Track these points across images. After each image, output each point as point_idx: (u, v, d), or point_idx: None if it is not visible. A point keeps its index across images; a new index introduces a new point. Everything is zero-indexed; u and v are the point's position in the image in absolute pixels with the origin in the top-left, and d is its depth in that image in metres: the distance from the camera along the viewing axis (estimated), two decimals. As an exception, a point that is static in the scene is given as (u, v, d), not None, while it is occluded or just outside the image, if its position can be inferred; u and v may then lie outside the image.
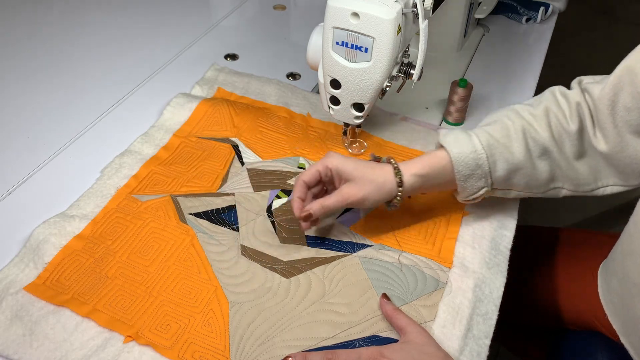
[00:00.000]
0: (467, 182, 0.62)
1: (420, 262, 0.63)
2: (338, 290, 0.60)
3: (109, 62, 0.92)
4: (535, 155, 0.63)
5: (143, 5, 1.07)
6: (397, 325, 0.56)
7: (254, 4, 1.10)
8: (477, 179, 0.62)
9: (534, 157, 0.63)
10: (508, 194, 0.66)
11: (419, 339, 0.53)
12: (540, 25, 1.07)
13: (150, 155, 0.74)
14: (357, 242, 0.65)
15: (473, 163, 0.61)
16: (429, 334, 0.54)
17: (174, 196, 0.69)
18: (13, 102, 0.83)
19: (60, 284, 0.59)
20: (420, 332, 0.54)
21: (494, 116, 0.65)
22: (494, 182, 0.63)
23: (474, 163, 0.61)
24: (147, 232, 0.64)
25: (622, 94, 0.60)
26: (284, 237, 0.65)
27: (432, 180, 0.63)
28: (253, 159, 0.75)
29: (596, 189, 0.66)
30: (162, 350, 0.54)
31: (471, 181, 0.62)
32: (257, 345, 0.55)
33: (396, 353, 0.52)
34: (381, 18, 0.60)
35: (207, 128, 0.78)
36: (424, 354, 0.52)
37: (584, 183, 0.65)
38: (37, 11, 1.03)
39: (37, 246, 0.62)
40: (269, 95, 0.85)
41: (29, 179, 0.71)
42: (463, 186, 0.63)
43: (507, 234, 0.67)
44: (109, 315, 0.57)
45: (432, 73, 0.85)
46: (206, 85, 0.86)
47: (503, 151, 0.61)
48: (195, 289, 0.59)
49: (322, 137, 0.79)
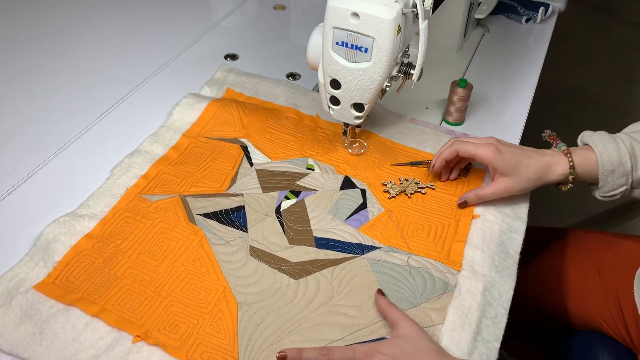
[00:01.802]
0: (609, 177, 0.66)
1: (429, 265, 0.63)
2: (347, 292, 0.60)
3: (109, 61, 0.92)
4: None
5: (143, 5, 1.07)
6: (390, 319, 0.56)
7: (254, 4, 1.11)
8: (619, 176, 0.66)
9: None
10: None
11: (411, 332, 0.54)
12: (540, 25, 1.07)
13: (160, 155, 0.74)
14: (365, 244, 0.65)
15: (617, 160, 0.65)
16: (420, 328, 0.55)
17: (183, 196, 0.69)
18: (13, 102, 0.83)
19: (70, 283, 0.59)
20: (412, 326, 0.55)
21: (636, 126, 0.70)
22: (634, 181, 0.67)
23: (618, 160, 0.65)
24: (156, 232, 0.65)
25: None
26: (292, 238, 0.65)
27: (579, 172, 0.67)
28: (262, 160, 0.75)
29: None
30: (170, 350, 0.54)
31: (613, 177, 0.66)
32: (265, 346, 0.55)
33: (389, 347, 0.52)
34: (381, 18, 0.60)
35: (216, 129, 0.78)
36: (416, 347, 0.53)
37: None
38: (38, 11, 1.03)
39: (47, 245, 0.62)
40: (278, 96, 0.85)
41: (35, 177, 0.72)
42: (605, 181, 0.67)
43: (516, 237, 0.67)
44: (118, 315, 0.57)
45: (432, 73, 0.85)
46: (215, 86, 0.86)
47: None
48: (204, 290, 0.59)
49: (330, 138, 0.79)
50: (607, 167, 0.66)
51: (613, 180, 0.67)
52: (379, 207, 0.69)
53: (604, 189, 0.68)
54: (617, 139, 0.66)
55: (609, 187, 0.68)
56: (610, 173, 0.66)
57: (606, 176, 0.66)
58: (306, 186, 0.71)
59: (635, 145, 0.66)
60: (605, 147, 0.66)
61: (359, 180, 0.73)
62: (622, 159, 0.65)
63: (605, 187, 0.68)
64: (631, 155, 0.65)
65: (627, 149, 0.65)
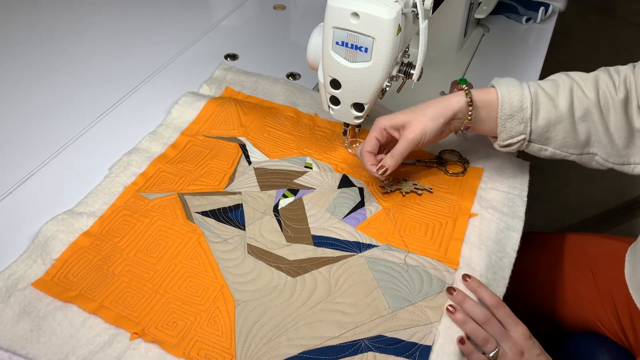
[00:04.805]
0: (507, 122, 0.65)
1: (426, 263, 0.63)
2: (344, 290, 0.60)
3: (109, 61, 0.92)
4: (578, 115, 0.65)
5: (143, 5, 1.07)
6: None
7: (254, 4, 1.11)
8: (517, 123, 0.65)
9: (576, 116, 0.65)
10: (544, 151, 0.67)
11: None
12: (540, 25, 1.07)
13: (158, 154, 0.74)
14: (363, 242, 0.65)
15: (518, 105, 0.64)
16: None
17: (181, 194, 0.69)
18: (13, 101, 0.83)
19: (68, 281, 0.59)
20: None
21: (554, 75, 0.68)
22: (533, 131, 0.65)
23: (519, 105, 0.64)
24: (154, 230, 0.65)
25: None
26: (290, 236, 0.65)
27: (477, 110, 0.66)
28: (260, 158, 0.75)
29: (627, 164, 0.68)
30: (168, 347, 0.55)
31: (511, 123, 0.65)
32: (262, 343, 0.55)
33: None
34: (381, 18, 0.60)
35: (215, 127, 0.79)
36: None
37: (617, 154, 0.67)
38: (37, 11, 1.03)
39: (45, 242, 0.62)
40: (277, 95, 0.86)
41: (35, 176, 0.72)
42: (503, 125, 0.65)
43: (514, 235, 0.67)
44: (116, 312, 0.57)
45: (432, 73, 0.85)
46: (214, 85, 0.86)
47: (547, 102, 0.64)
48: (202, 287, 0.60)
49: (329, 136, 0.79)
50: (507, 111, 0.64)
51: (511, 126, 0.65)
52: (376, 205, 0.69)
53: (502, 135, 0.66)
54: (523, 85, 0.65)
55: (507, 134, 0.66)
56: (509, 117, 0.65)
57: (504, 120, 0.65)
58: (304, 184, 0.71)
59: (541, 93, 0.65)
60: (510, 90, 0.64)
61: (357, 179, 0.73)
62: (523, 105, 0.64)
63: (503, 133, 0.66)
64: (533, 103, 0.64)
65: (531, 95, 0.64)
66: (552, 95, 0.64)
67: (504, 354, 0.56)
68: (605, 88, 0.66)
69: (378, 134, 0.68)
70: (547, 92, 0.65)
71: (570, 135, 0.65)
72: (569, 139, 0.66)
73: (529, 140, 0.66)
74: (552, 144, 0.66)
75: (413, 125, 0.66)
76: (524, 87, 0.65)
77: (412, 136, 0.66)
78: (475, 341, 0.56)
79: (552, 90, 0.65)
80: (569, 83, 0.66)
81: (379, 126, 0.67)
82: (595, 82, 0.66)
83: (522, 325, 0.57)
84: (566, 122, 0.65)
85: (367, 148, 0.68)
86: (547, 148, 0.67)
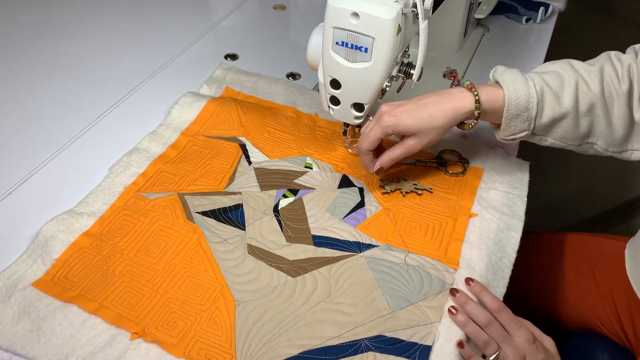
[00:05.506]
0: (512, 121, 0.64)
1: (426, 263, 0.63)
2: (344, 290, 0.60)
3: (109, 61, 0.92)
4: (582, 110, 0.64)
5: (143, 5, 1.07)
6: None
7: (254, 4, 1.11)
8: (522, 121, 0.64)
9: (580, 111, 0.64)
10: (543, 141, 0.67)
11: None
12: (540, 25, 1.07)
13: (158, 154, 0.74)
14: (363, 242, 0.65)
15: (524, 105, 0.63)
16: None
17: (181, 194, 0.69)
18: (12, 101, 0.83)
19: (68, 281, 0.59)
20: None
21: (550, 66, 0.67)
22: (536, 127, 0.65)
23: (525, 105, 0.63)
24: (155, 230, 0.65)
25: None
26: (290, 236, 0.65)
27: (484, 114, 0.65)
28: (260, 158, 0.75)
29: (625, 151, 0.67)
30: (168, 347, 0.55)
31: (516, 122, 0.64)
32: (262, 343, 0.55)
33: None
34: (381, 18, 0.60)
35: (215, 127, 0.79)
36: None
37: (616, 143, 0.67)
38: (37, 11, 1.03)
39: (45, 243, 0.62)
40: (277, 95, 0.86)
41: (35, 176, 0.72)
42: (507, 124, 0.65)
43: (514, 235, 0.67)
44: (116, 312, 0.57)
45: (432, 73, 0.85)
46: (214, 85, 0.86)
47: (553, 100, 0.63)
48: (202, 287, 0.60)
49: (329, 137, 0.79)
50: (513, 112, 0.63)
51: (516, 125, 0.65)
52: (376, 205, 0.70)
53: (505, 132, 0.66)
54: (528, 82, 0.63)
55: (510, 131, 0.66)
56: (514, 117, 0.64)
57: (509, 120, 0.64)
58: (304, 184, 0.72)
59: (546, 90, 0.63)
60: (516, 89, 0.63)
61: (357, 179, 0.73)
62: (529, 104, 0.63)
63: (506, 131, 0.66)
64: (539, 101, 0.63)
65: (537, 93, 0.62)
66: (557, 92, 0.63)
67: (505, 358, 0.55)
68: (609, 80, 0.65)
69: (383, 136, 0.67)
70: (552, 89, 0.63)
71: (572, 130, 0.65)
72: (570, 133, 0.65)
73: (532, 134, 0.66)
74: (552, 135, 0.66)
75: (420, 138, 0.65)
76: (530, 85, 0.63)
77: (415, 151, 0.66)
78: (476, 344, 0.56)
79: (557, 87, 0.64)
80: (574, 78, 0.64)
81: (385, 131, 0.66)
82: (601, 75, 0.65)
83: (525, 329, 0.57)
84: (570, 118, 0.64)
85: (368, 147, 0.67)
86: (546, 138, 0.67)
